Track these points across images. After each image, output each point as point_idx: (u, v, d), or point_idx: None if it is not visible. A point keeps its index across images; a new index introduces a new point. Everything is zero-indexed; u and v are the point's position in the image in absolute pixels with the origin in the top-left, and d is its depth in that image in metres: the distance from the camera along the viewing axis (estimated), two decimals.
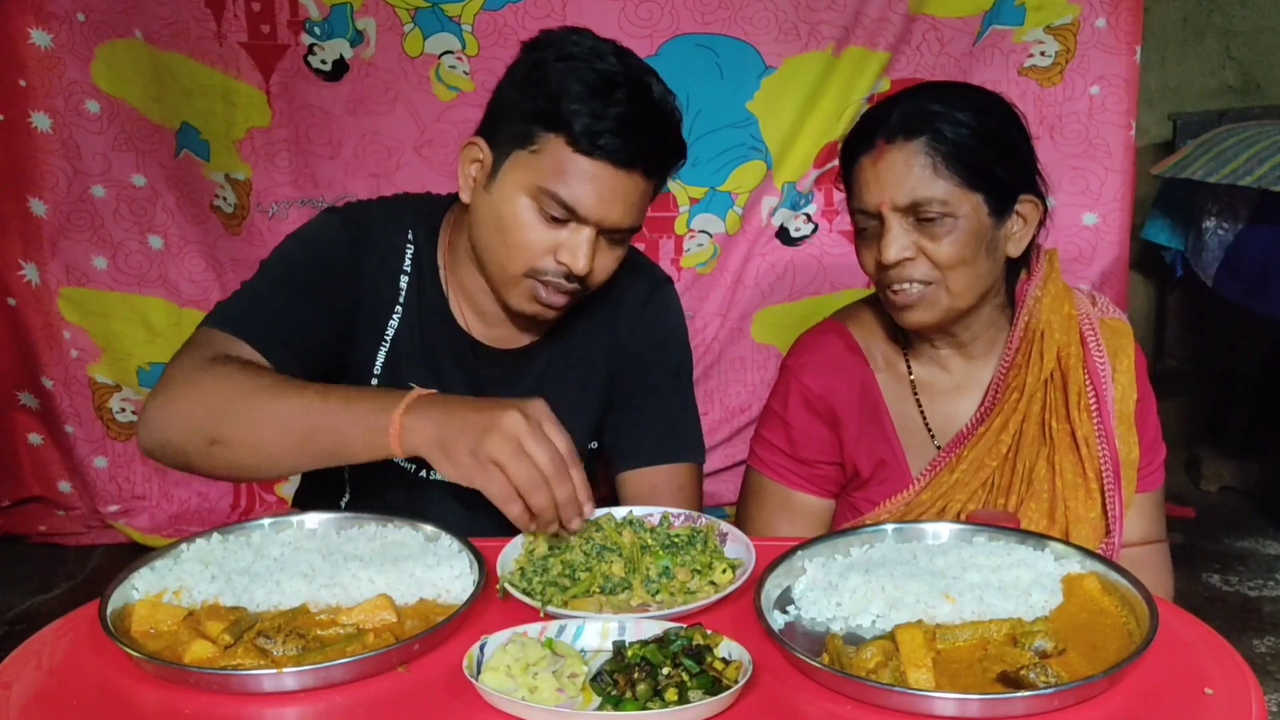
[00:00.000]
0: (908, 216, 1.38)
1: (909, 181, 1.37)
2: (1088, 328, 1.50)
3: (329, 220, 1.48)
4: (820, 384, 1.52)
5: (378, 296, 1.47)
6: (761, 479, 1.59)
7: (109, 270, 2.97)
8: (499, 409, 1.12)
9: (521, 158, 1.34)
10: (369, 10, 2.82)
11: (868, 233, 1.44)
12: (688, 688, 0.92)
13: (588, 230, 1.33)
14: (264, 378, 1.23)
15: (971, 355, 1.52)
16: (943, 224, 1.37)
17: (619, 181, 1.32)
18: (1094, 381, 1.47)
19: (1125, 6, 2.79)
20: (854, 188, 1.44)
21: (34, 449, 3.12)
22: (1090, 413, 1.47)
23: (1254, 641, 2.47)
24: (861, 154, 1.41)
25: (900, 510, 1.50)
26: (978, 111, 1.40)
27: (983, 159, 1.38)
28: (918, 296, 1.41)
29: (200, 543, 1.20)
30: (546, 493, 1.12)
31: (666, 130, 1.36)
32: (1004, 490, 1.47)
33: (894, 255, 1.38)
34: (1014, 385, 1.47)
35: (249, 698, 0.96)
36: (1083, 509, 1.45)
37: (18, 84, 2.80)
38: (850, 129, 1.48)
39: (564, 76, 1.30)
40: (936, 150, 1.36)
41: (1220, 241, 2.81)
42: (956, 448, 1.49)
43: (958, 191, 1.37)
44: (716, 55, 2.83)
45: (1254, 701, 0.93)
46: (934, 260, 1.39)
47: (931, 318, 1.43)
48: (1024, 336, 1.48)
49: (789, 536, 1.50)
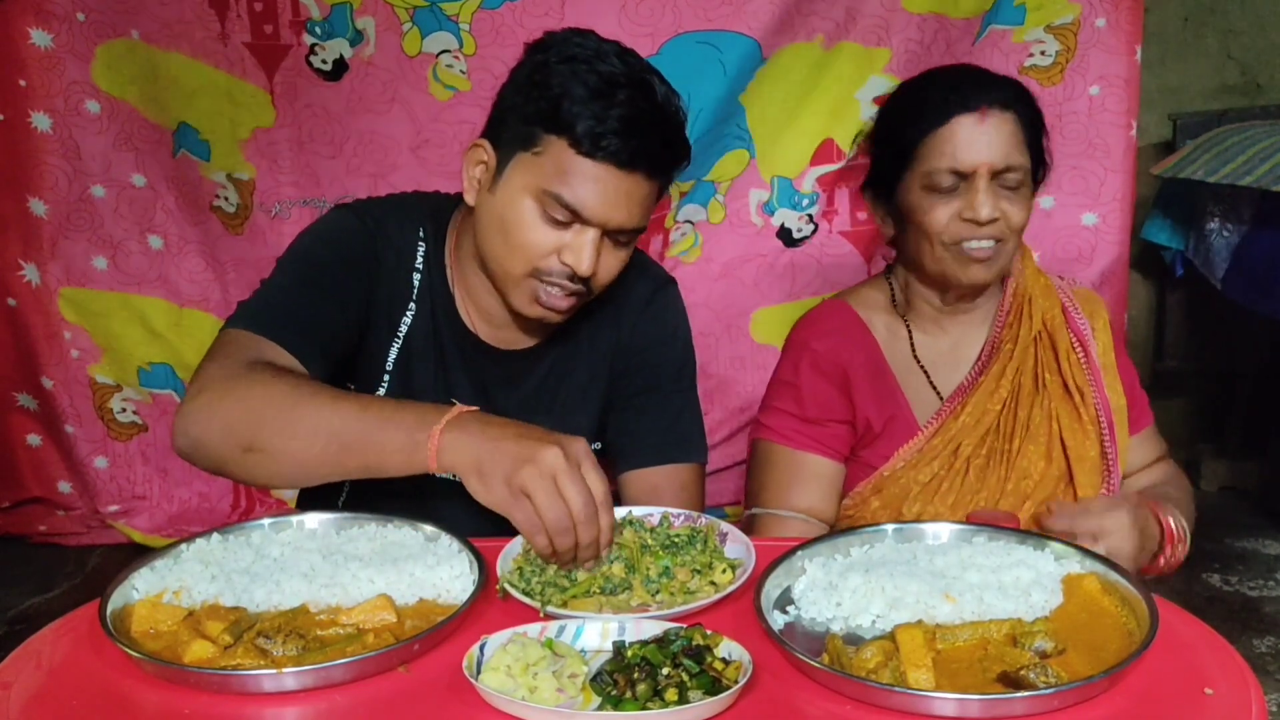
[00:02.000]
0: (995, 180, 1.49)
1: (1007, 147, 1.49)
2: (1064, 295, 1.66)
3: (344, 216, 1.48)
4: (828, 347, 1.61)
5: (394, 291, 1.47)
6: (771, 447, 1.63)
7: (109, 270, 2.97)
8: (540, 442, 1.10)
9: (525, 160, 1.34)
10: (368, 9, 2.81)
11: (945, 190, 1.51)
12: (688, 688, 0.92)
13: (592, 232, 1.34)
14: (302, 386, 1.22)
15: (969, 319, 1.64)
16: (1019, 192, 1.51)
17: (622, 183, 1.32)
18: (1079, 338, 1.62)
19: (1125, 6, 2.78)
20: (939, 146, 1.50)
21: (32, 450, 3.12)
22: (1080, 365, 1.60)
23: (1254, 641, 2.47)
24: (959, 113, 1.49)
25: (913, 457, 1.57)
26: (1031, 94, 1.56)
27: (1039, 137, 1.55)
28: (990, 253, 1.51)
29: (200, 543, 1.20)
30: (573, 536, 1.11)
31: (669, 131, 1.36)
32: (1006, 436, 1.58)
33: (988, 214, 1.48)
34: (1007, 339, 1.60)
35: (249, 698, 0.96)
36: (1082, 449, 1.57)
37: (18, 84, 2.80)
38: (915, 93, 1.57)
39: (566, 78, 1.30)
40: (1022, 123, 1.51)
41: (1227, 244, 2.81)
42: (959, 397, 1.59)
43: (1028, 167, 1.52)
44: (719, 52, 2.82)
45: (1254, 701, 0.93)
46: (1009, 222, 1.51)
47: (990, 275, 1.54)
48: (1013, 300, 1.63)
49: (800, 503, 1.58)
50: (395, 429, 1.16)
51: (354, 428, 1.17)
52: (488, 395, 1.51)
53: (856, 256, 2.97)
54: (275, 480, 1.27)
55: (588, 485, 1.10)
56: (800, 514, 1.58)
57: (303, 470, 1.22)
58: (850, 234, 2.96)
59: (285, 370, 1.26)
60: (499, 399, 1.51)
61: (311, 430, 1.18)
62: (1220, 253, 2.83)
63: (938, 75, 1.59)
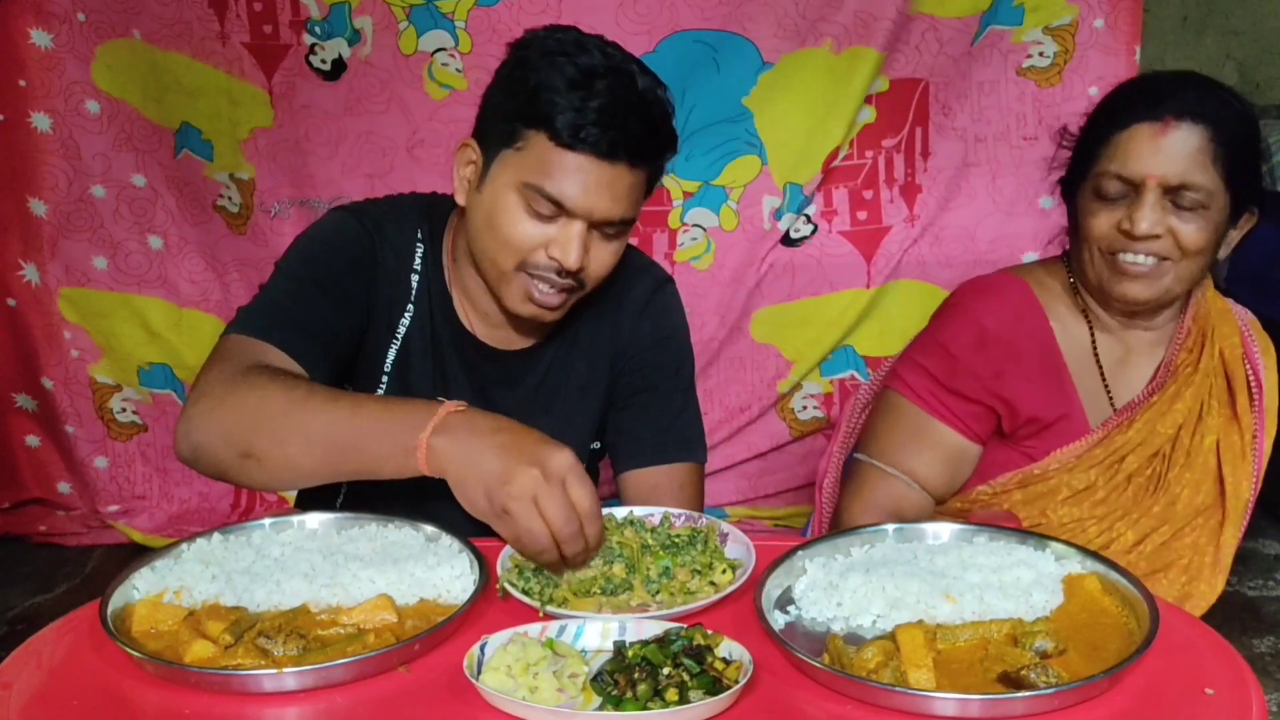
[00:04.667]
0: (1166, 196, 1.42)
1: (1185, 163, 1.41)
2: (1243, 324, 1.58)
3: (343, 217, 1.48)
4: (1001, 328, 1.54)
5: (392, 293, 1.47)
6: (901, 401, 1.58)
7: (109, 270, 2.97)
8: (519, 460, 1.08)
9: (508, 156, 1.34)
10: (366, 8, 2.81)
11: (1115, 199, 1.46)
12: (688, 688, 0.92)
13: (577, 224, 1.33)
14: (296, 390, 1.21)
15: (1147, 336, 1.58)
16: (1197, 212, 1.43)
17: (604, 173, 1.31)
18: (1255, 374, 1.55)
19: (1124, 7, 2.78)
20: (1116, 151, 1.45)
21: (32, 450, 3.12)
22: (1253, 400, 1.54)
23: (1254, 641, 2.47)
24: (1141, 121, 1.44)
25: (1071, 461, 1.52)
26: (1246, 110, 1.47)
27: (1244, 159, 1.44)
28: (1147, 270, 1.45)
29: (201, 543, 1.20)
30: (556, 553, 1.10)
31: (651, 120, 1.34)
32: (1166, 459, 1.53)
33: (1146, 229, 1.42)
34: (1185, 363, 1.54)
35: (249, 698, 0.96)
36: (1239, 488, 1.52)
37: (18, 84, 2.79)
38: (1116, 95, 1.51)
39: (545, 72, 1.30)
40: (1217, 140, 1.41)
41: None
42: (1130, 411, 1.54)
43: (1218, 186, 1.42)
44: (714, 51, 2.82)
45: (1254, 701, 0.93)
46: (1178, 242, 1.44)
47: (1150, 294, 1.48)
48: (1195, 321, 1.56)
49: (914, 467, 1.54)
50: (384, 436, 1.15)
51: (346, 433, 1.17)
52: (486, 396, 1.51)
53: (856, 256, 2.97)
54: (274, 485, 1.27)
55: (571, 500, 1.08)
56: (905, 475, 1.54)
57: (299, 475, 1.23)
58: (850, 234, 2.96)
59: (281, 373, 1.25)
60: (497, 399, 1.51)
61: (305, 436, 1.18)
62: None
63: (1147, 79, 1.53)
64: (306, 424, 1.18)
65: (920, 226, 2.94)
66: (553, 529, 1.08)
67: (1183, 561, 1.51)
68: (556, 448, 1.10)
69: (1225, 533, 1.52)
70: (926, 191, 2.92)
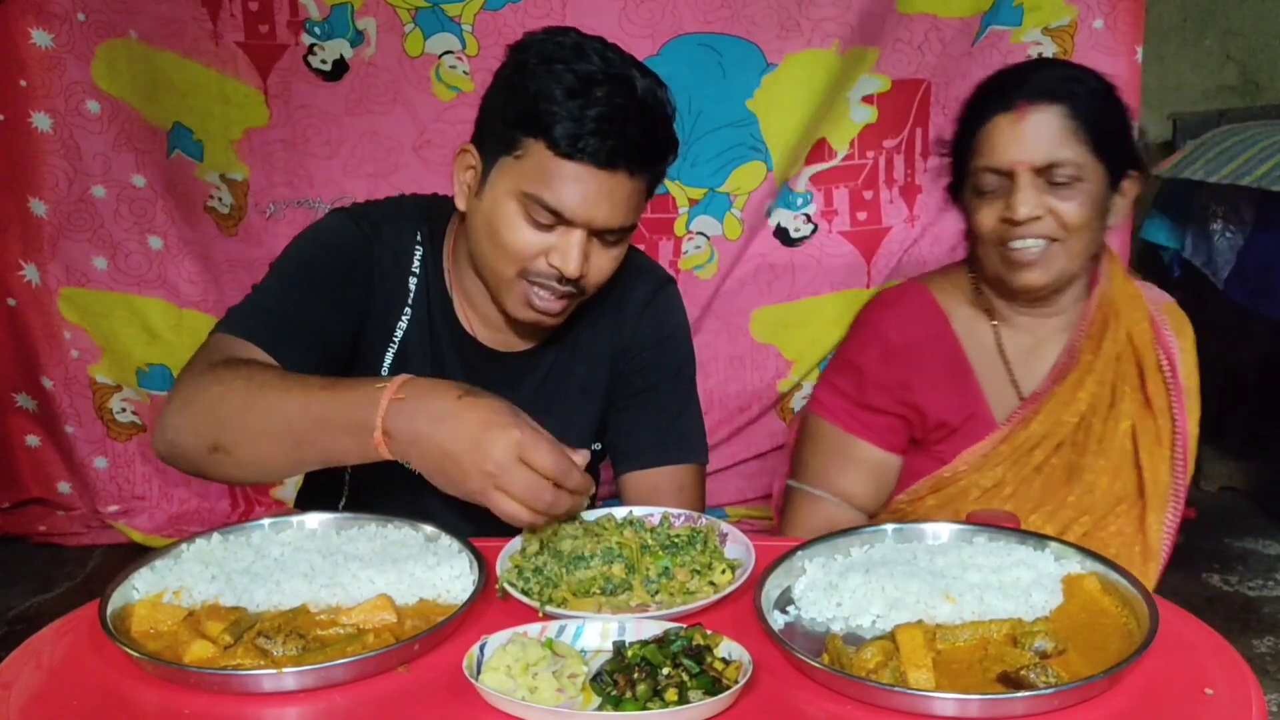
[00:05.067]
0: (1040, 177, 1.45)
1: (1048, 143, 1.44)
2: (1154, 307, 1.59)
3: (340, 219, 1.47)
4: (901, 335, 1.57)
5: (389, 296, 1.47)
6: (820, 423, 1.60)
7: (109, 270, 2.97)
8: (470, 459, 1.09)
9: (507, 164, 1.34)
10: (369, 10, 2.81)
11: (992, 192, 1.49)
12: (688, 688, 0.92)
13: (577, 233, 1.33)
14: (254, 379, 1.21)
15: (1053, 323, 1.59)
16: (1073, 187, 1.45)
17: (603, 182, 1.31)
18: (1167, 356, 1.56)
19: (1124, 7, 2.78)
20: (981, 146, 1.49)
21: (32, 450, 3.12)
22: (1167, 384, 1.54)
23: (1254, 641, 2.47)
24: (997, 113, 1.47)
25: (978, 461, 1.53)
26: (1104, 81, 1.50)
27: (1111, 129, 1.46)
28: (1037, 255, 1.48)
29: (200, 543, 1.20)
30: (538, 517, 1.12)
31: (651, 126, 1.34)
32: (1079, 449, 1.53)
33: (1026, 212, 1.45)
34: (1087, 349, 1.55)
35: (249, 698, 0.96)
36: (1157, 472, 1.52)
37: (18, 84, 2.80)
38: (974, 94, 1.54)
39: (543, 79, 1.29)
40: (1076, 115, 1.44)
41: (1230, 245, 2.81)
42: (1035, 402, 1.55)
43: (1089, 158, 1.46)
44: (719, 54, 2.82)
45: (1254, 701, 0.93)
46: (1061, 221, 1.47)
47: (1046, 278, 1.50)
48: (1099, 306, 1.57)
49: (842, 486, 1.56)
50: (340, 431, 1.16)
51: (303, 423, 1.17)
52: None
53: (857, 256, 2.97)
54: (246, 477, 1.27)
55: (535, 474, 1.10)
56: (835, 497, 1.56)
57: (265, 467, 1.24)
58: (850, 234, 2.96)
59: (245, 363, 1.25)
60: None
61: (265, 428, 1.19)
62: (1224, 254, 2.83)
63: (999, 73, 1.55)
64: (265, 415, 1.19)
65: (920, 227, 2.94)
66: (528, 507, 1.10)
67: (1110, 551, 1.51)
68: (500, 432, 1.09)
69: (1149, 519, 1.52)
70: (926, 192, 2.92)
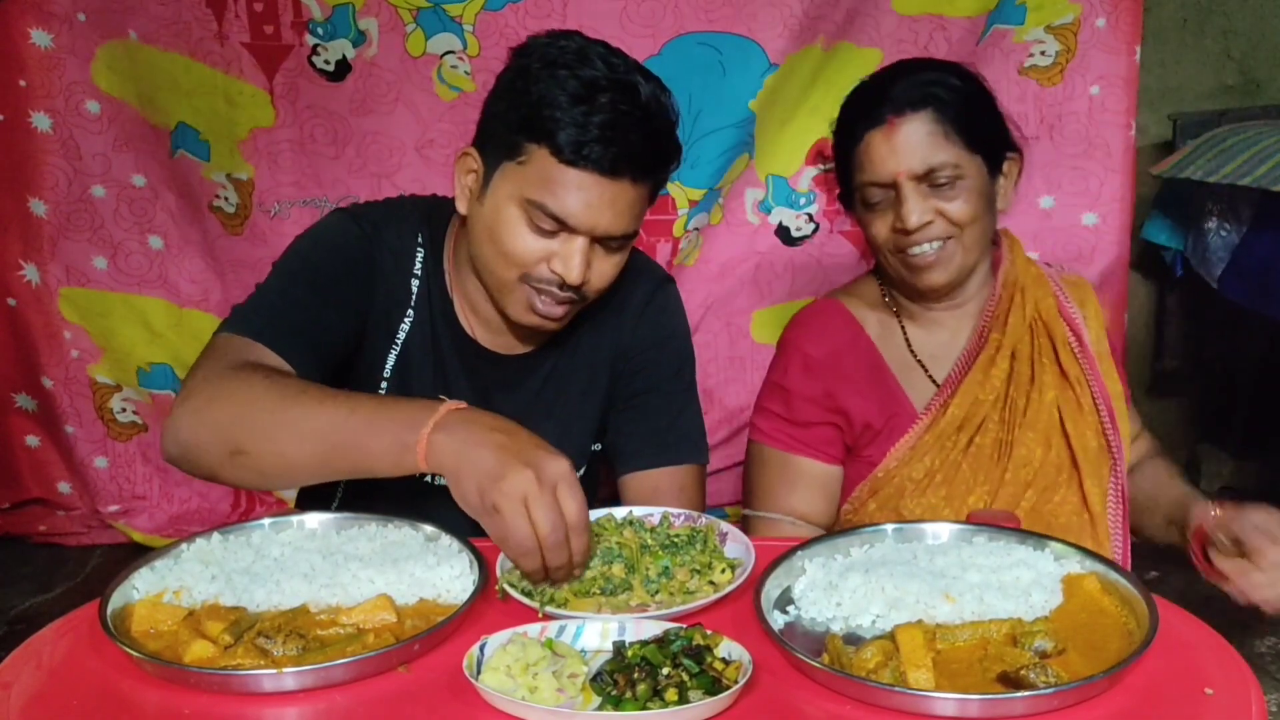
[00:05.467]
0: (922, 183, 1.48)
1: (922, 150, 1.47)
2: (1055, 284, 1.64)
3: (342, 220, 1.47)
4: (818, 349, 1.60)
5: (391, 298, 1.47)
6: (762, 449, 1.63)
7: (109, 270, 2.97)
8: (516, 460, 1.07)
9: (510, 169, 1.33)
10: (371, 10, 2.81)
11: (880, 204, 1.52)
12: (688, 688, 0.92)
13: (580, 240, 1.33)
14: (288, 387, 1.20)
15: (962, 311, 1.63)
16: (955, 186, 1.49)
17: (606, 190, 1.30)
18: (1072, 327, 1.60)
19: (1125, 6, 2.78)
20: (860, 162, 1.52)
21: (32, 450, 3.12)
22: (1075, 354, 1.59)
23: (1254, 641, 2.47)
24: (869, 130, 1.50)
25: (906, 455, 1.55)
26: (965, 77, 1.53)
27: (979, 122, 1.51)
28: (935, 257, 1.52)
29: (200, 543, 1.20)
30: (539, 559, 1.09)
31: (655, 133, 1.33)
32: (1006, 425, 1.56)
33: (916, 220, 1.48)
34: (995, 328, 1.58)
35: (249, 698, 0.96)
36: (1084, 438, 1.56)
37: (18, 84, 2.80)
38: (844, 109, 1.57)
39: (547, 85, 1.29)
40: (943, 118, 1.48)
41: (1225, 243, 2.80)
42: (950, 387, 1.57)
43: (965, 155, 1.49)
44: (720, 54, 2.81)
45: (1254, 701, 0.93)
46: (951, 219, 1.50)
47: (947, 276, 1.54)
48: (1004, 287, 1.61)
49: (792, 505, 1.58)
50: (383, 432, 1.14)
51: (342, 429, 1.16)
52: (487, 400, 1.51)
53: (857, 256, 2.96)
54: (264, 483, 1.26)
55: (560, 509, 1.07)
56: (789, 517, 1.58)
57: (291, 472, 1.22)
58: (851, 234, 2.95)
59: (273, 371, 1.24)
60: (498, 404, 1.51)
61: (298, 432, 1.17)
62: (1217, 252, 2.83)
63: (857, 90, 1.57)
64: (300, 421, 1.17)
65: None
66: (539, 534, 1.07)
67: (1060, 521, 1.54)
68: (553, 455, 1.09)
69: (1087, 487, 1.54)
70: None
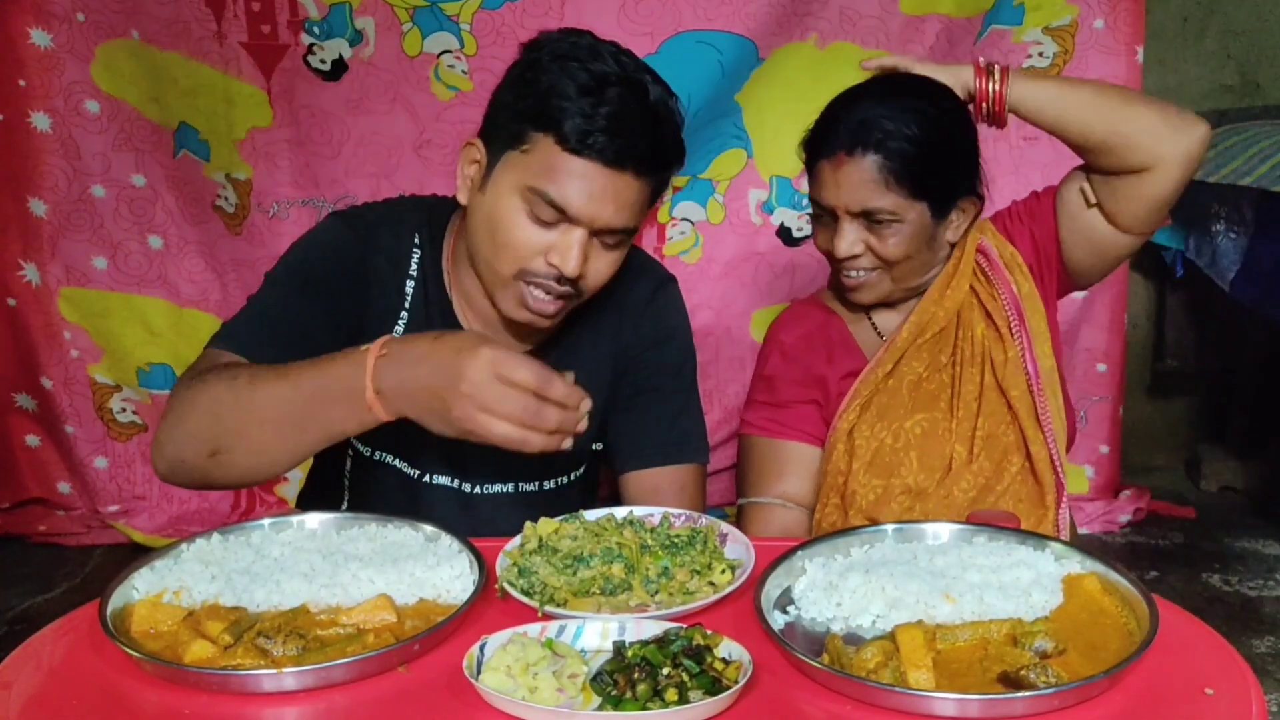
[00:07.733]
0: (858, 219, 1.54)
1: (862, 192, 1.51)
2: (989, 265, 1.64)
3: (335, 225, 1.47)
4: (793, 335, 1.69)
5: (385, 301, 1.46)
6: (750, 440, 1.68)
7: (109, 270, 2.97)
8: (449, 386, 1.10)
9: (513, 158, 1.34)
10: (368, 9, 2.81)
11: (823, 221, 1.60)
12: (688, 688, 0.92)
13: (579, 231, 1.33)
14: (238, 378, 1.22)
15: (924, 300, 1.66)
16: (890, 227, 1.54)
17: (609, 181, 1.31)
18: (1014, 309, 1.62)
19: (1124, 7, 2.78)
20: (813, 181, 1.59)
21: (32, 450, 3.12)
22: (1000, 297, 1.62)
23: (1254, 641, 2.47)
24: (822, 158, 1.55)
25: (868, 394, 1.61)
26: (926, 124, 1.51)
27: (928, 172, 1.52)
28: (862, 281, 1.60)
29: (200, 543, 1.20)
30: (538, 434, 1.12)
31: (660, 131, 1.35)
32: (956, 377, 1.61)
33: (844, 251, 1.56)
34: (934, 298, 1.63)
35: (249, 698, 0.96)
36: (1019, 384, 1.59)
37: (18, 84, 2.80)
38: (817, 121, 1.61)
39: (557, 76, 1.30)
40: (888, 167, 1.50)
41: (1235, 246, 2.81)
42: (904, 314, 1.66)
43: (905, 202, 1.52)
44: (719, 52, 2.82)
45: (1254, 701, 0.93)
46: (880, 256, 1.56)
47: (873, 298, 1.63)
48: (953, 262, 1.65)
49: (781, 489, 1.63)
50: (333, 402, 1.17)
51: (296, 408, 1.19)
52: None
53: None
54: (253, 475, 1.27)
55: (516, 386, 1.10)
56: (778, 499, 1.62)
57: (269, 458, 1.23)
58: None
59: (226, 367, 1.25)
60: None
61: (260, 419, 1.20)
62: (1229, 255, 2.83)
63: (830, 107, 1.60)
64: (257, 409, 1.19)
65: None
66: (516, 420, 1.10)
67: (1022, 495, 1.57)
68: (471, 354, 1.11)
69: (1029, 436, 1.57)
70: None
